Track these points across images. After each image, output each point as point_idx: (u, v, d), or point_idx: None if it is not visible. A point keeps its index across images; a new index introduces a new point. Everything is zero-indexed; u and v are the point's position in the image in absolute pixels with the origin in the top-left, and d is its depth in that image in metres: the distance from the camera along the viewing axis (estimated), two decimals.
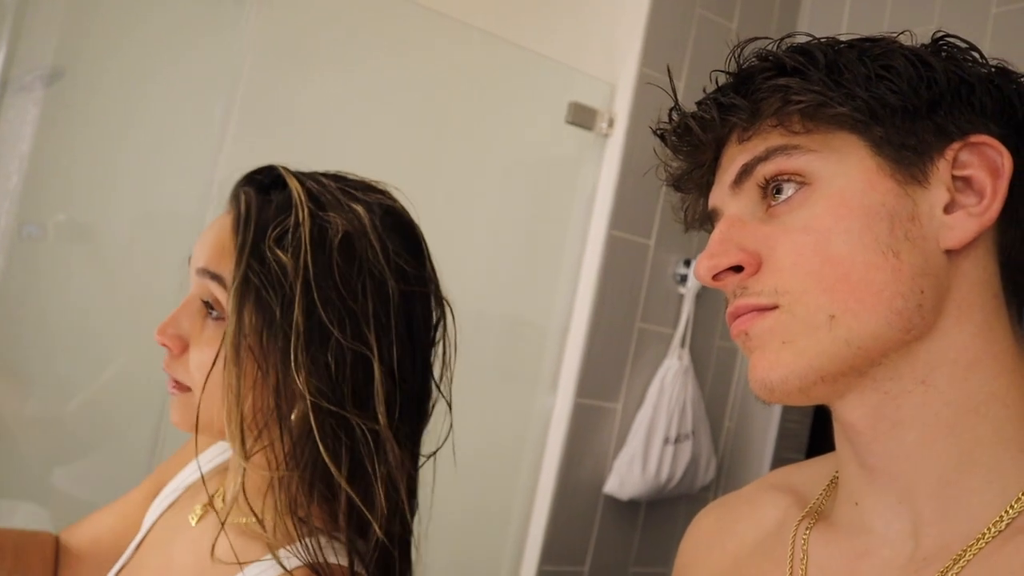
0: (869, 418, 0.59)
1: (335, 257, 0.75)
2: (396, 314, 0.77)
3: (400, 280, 0.79)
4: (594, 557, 1.91)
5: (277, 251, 0.74)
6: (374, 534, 0.74)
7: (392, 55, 1.72)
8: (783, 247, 0.59)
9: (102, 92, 1.46)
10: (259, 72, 1.53)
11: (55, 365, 1.46)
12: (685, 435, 1.92)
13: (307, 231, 0.75)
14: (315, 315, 0.73)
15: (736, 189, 0.63)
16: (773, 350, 0.58)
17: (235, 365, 0.74)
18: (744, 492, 0.78)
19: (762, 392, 0.59)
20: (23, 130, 1.34)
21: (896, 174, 0.58)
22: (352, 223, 0.76)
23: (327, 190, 0.79)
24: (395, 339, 0.77)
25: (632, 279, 1.91)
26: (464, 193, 1.85)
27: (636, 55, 1.85)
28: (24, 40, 1.36)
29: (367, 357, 0.75)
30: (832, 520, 0.65)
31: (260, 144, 1.52)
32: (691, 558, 0.77)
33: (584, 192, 1.90)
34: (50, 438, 1.44)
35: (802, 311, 0.57)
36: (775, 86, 0.59)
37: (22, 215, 1.36)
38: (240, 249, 0.75)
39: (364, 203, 0.80)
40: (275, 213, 0.77)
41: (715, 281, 0.61)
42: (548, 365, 1.89)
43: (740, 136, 0.63)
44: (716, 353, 2.08)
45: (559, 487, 1.85)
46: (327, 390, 0.73)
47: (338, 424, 0.74)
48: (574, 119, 1.86)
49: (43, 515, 1.45)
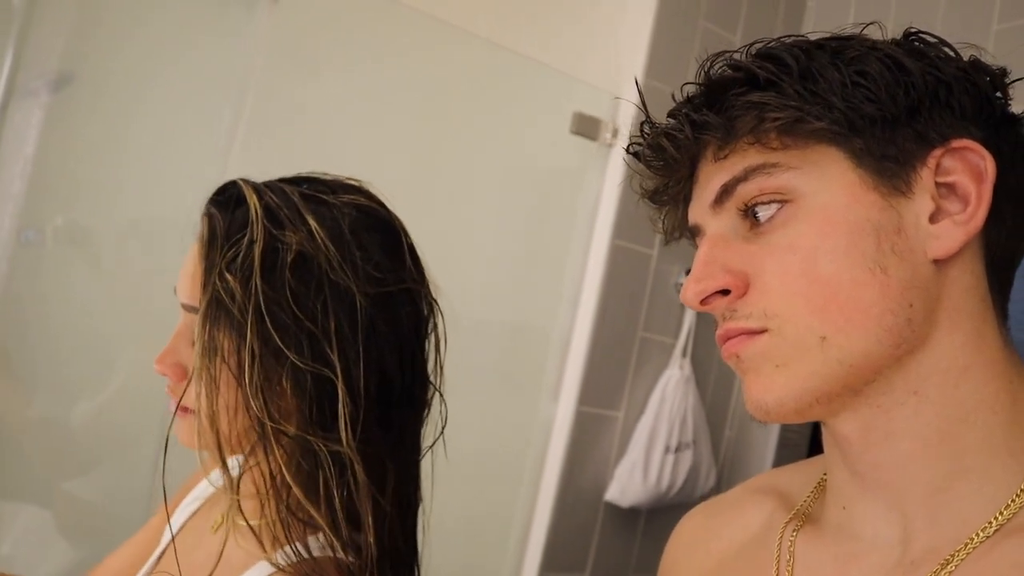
0: (861, 430, 0.58)
1: (288, 278, 0.73)
2: (365, 325, 0.75)
3: (373, 285, 0.77)
4: (595, 564, 1.91)
5: (227, 275, 0.73)
6: (366, 547, 0.74)
7: (398, 62, 1.72)
8: (769, 268, 0.58)
9: (108, 96, 1.47)
10: (267, 77, 1.54)
11: (56, 369, 1.46)
12: (686, 444, 1.92)
13: (258, 253, 0.73)
14: (270, 339, 0.72)
15: (717, 208, 0.61)
16: (766, 373, 0.58)
17: (211, 388, 0.73)
18: (729, 495, 0.78)
19: (758, 414, 0.59)
20: (28, 134, 1.35)
21: (879, 186, 0.57)
22: (307, 241, 0.74)
23: (287, 204, 0.77)
24: (362, 352, 0.75)
25: (634, 288, 1.92)
26: (468, 200, 1.85)
27: (640, 66, 1.86)
28: (31, 45, 1.37)
29: (330, 377, 0.73)
30: (819, 524, 0.65)
31: (267, 149, 1.53)
32: (675, 560, 0.77)
33: (587, 201, 1.91)
34: (52, 442, 1.45)
35: (792, 333, 0.56)
36: (749, 103, 0.57)
37: (24, 219, 1.36)
38: (206, 273, 0.75)
39: (334, 207, 0.79)
40: (232, 232, 0.75)
41: (702, 305, 0.60)
42: (550, 373, 1.90)
43: (716, 154, 0.61)
44: (717, 363, 2.08)
45: (560, 494, 1.85)
46: (284, 413, 0.73)
47: (300, 446, 0.73)
48: (578, 129, 1.86)
49: (46, 518, 1.46)
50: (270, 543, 0.75)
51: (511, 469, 1.89)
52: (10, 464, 1.46)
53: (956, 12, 1.78)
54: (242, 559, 0.76)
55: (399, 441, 0.81)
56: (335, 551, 0.74)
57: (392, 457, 0.79)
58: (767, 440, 2.04)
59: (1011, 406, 0.57)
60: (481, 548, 1.91)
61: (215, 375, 0.74)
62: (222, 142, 1.48)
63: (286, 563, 0.73)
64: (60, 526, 1.43)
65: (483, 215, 1.88)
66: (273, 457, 0.73)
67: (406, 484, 0.82)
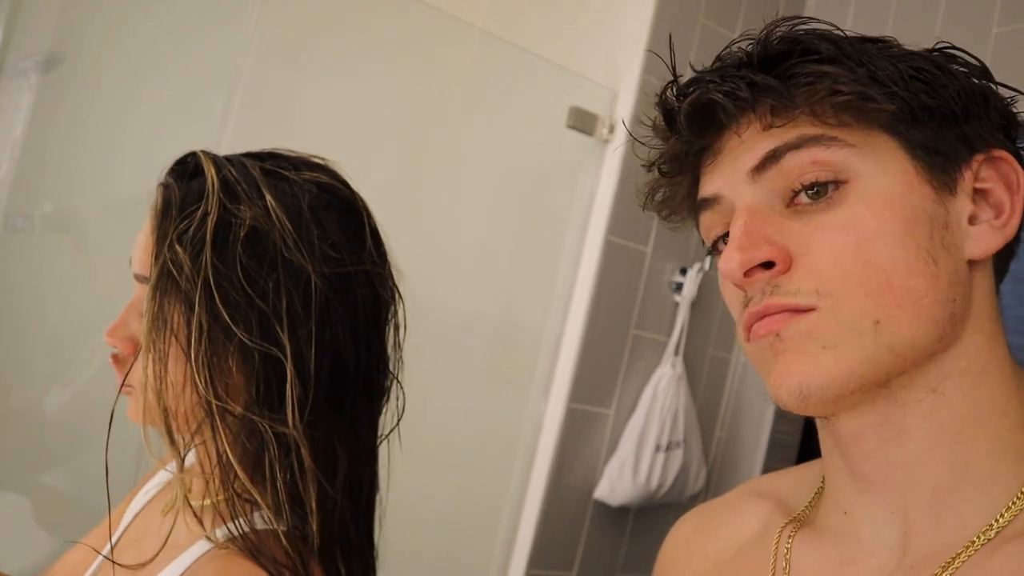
0: (876, 426, 0.57)
1: (239, 253, 0.71)
2: (319, 306, 0.73)
3: (330, 265, 0.75)
4: (582, 562, 1.91)
5: (177, 247, 0.71)
6: (309, 531, 0.72)
7: (393, 54, 1.71)
8: (820, 246, 0.55)
9: (99, 81, 1.45)
10: (260, 68, 1.52)
11: (40, 357, 1.44)
12: (676, 443, 1.92)
13: (211, 226, 0.71)
14: (219, 315, 0.70)
15: (756, 177, 0.58)
16: (811, 354, 0.55)
17: (158, 362, 0.72)
18: (725, 499, 0.77)
19: (793, 398, 0.55)
20: (16, 117, 1.33)
21: (932, 180, 0.57)
22: (262, 216, 0.72)
23: (246, 178, 0.75)
24: (315, 333, 0.73)
25: (628, 286, 1.91)
26: (462, 194, 1.84)
27: (639, 62, 1.85)
28: (21, 25, 1.35)
29: (279, 357, 0.71)
30: (817, 527, 0.64)
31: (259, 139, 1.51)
32: (670, 563, 0.76)
33: (583, 197, 1.90)
34: (32, 430, 1.43)
35: (846, 315, 0.54)
36: (819, 72, 0.56)
37: (11, 205, 1.35)
38: (158, 242, 0.73)
39: (294, 184, 0.76)
40: (187, 204, 0.73)
41: (745, 277, 0.57)
42: (542, 369, 1.89)
43: (765, 121, 0.58)
44: (709, 362, 2.07)
45: (549, 491, 1.84)
46: (232, 392, 0.71)
47: (246, 426, 0.72)
48: (574, 124, 1.85)
49: (24, 505, 1.44)
50: (211, 522, 0.73)
51: (500, 465, 1.89)
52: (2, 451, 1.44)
53: (956, 15, 1.77)
54: (187, 539, 0.75)
55: (352, 427, 0.78)
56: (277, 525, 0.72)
57: (343, 442, 0.76)
58: (758, 440, 2.03)
59: (1019, 409, 0.57)
60: (469, 543, 1.91)
61: (164, 349, 0.72)
62: (213, 131, 1.47)
63: (224, 539, 0.71)
64: (38, 516, 1.42)
65: (476, 209, 1.87)
66: (219, 436, 0.71)
67: (359, 471, 0.79)
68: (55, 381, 1.41)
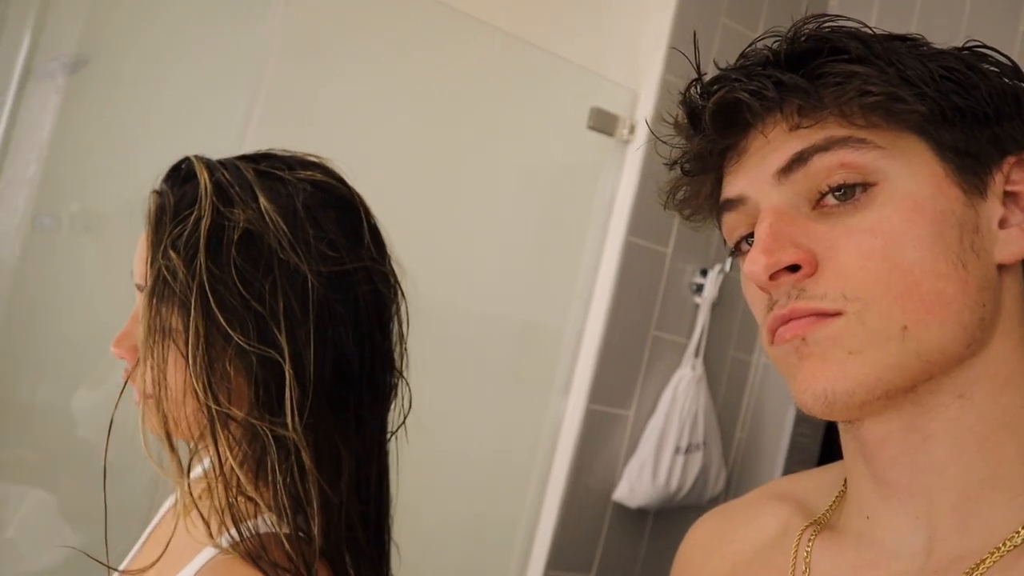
0: (901, 431, 0.57)
1: (234, 257, 0.71)
2: (317, 306, 0.73)
3: (327, 264, 0.74)
4: (601, 564, 1.90)
5: (171, 253, 0.71)
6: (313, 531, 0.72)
7: (414, 54, 1.71)
8: (847, 249, 0.55)
9: (124, 82, 1.47)
10: (282, 67, 1.53)
11: (67, 356, 1.46)
12: (696, 445, 1.91)
13: (204, 230, 0.71)
14: (215, 319, 0.70)
15: (782, 178, 0.58)
16: (837, 360, 0.54)
17: (156, 370, 0.72)
18: (744, 500, 0.76)
19: (819, 403, 0.55)
20: (44, 118, 1.35)
21: (961, 182, 0.56)
22: (255, 218, 0.72)
23: (239, 180, 0.75)
24: (314, 334, 0.72)
25: (648, 287, 1.90)
26: (482, 195, 1.84)
27: (659, 62, 1.85)
28: (48, 27, 1.37)
29: (277, 360, 0.71)
30: (838, 531, 0.64)
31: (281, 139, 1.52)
32: (688, 564, 0.76)
33: (603, 197, 1.89)
34: (58, 427, 1.45)
35: (874, 320, 0.54)
36: (848, 72, 0.55)
37: (39, 204, 1.36)
38: (152, 250, 0.73)
39: (288, 184, 0.76)
40: (180, 209, 0.73)
41: (770, 280, 0.56)
42: (561, 370, 1.89)
43: (792, 121, 0.57)
44: (730, 364, 2.06)
45: (568, 492, 1.84)
46: (234, 397, 0.71)
47: (248, 430, 0.71)
48: (595, 124, 1.85)
49: (51, 502, 1.46)
50: (217, 528, 0.73)
51: (519, 466, 1.89)
52: (18, 447, 1.46)
53: (982, 12, 1.76)
54: (192, 547, 0.75)
55: (357, 426, 0.78)
56: (279, 528, 0.72)
57: (347, 442, 0.76)
58: (778, 443, 2.02)
59: None
60: (487, 544, 1.91)
61: (163, 356, 0.72)
62: (236, 130, 1.48)
63: (229, 544, 0.71)
64: (64, 511, 1.43)
65: (497, 209, 1.87)
66: (220, 442, 0.71)
67: (365, 469, 0.78)
68: (82, 380, 1.43)
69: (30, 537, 1.45)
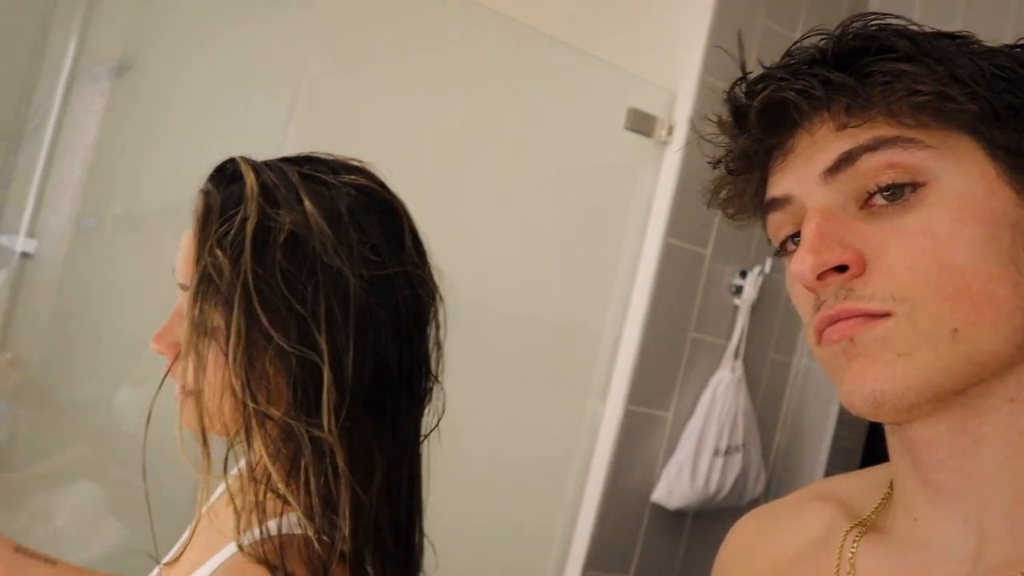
0: (951, 434, 0.56)
1: (278, 258, 0.72)
2: (358, 310, 0.73)
3: (369, 268, 0.75)
4: (639, 566, 1.90)
5: (217, 251, 0.72)
6: (340, 537, 0.72)
7: (452, 54, 1.72)
8: (896, 250, 0.54)
9: (166, 85, 1.49)
10: (321, 67, 1.55)
11: (110, 353, 1.49)
12: (735, 447, 1.90)
13: (250, 231, 0.72)
14: (257, 319, 0.71)
15: (829, 178, 0.57)
16: (886, 362, 0.53)
17: (198, 366, 0.73)
18: (787, 500, 0.75)
19: (867, 405, 0.54)
20: (89, 120, 1.37)
21: (1014, 182, 0.54)
22: (301, 221, 0.73)
23: (285, 181, 0.76)
24: (354, 337, 0.73)
25: (687, 288, 1.90)
26: (520, 195, 1.85)
27: (698, 63, 1.84)
28: (93, 32, 1.40)
29: (315, 362, 0.72)
30: (884, 534, 0.63)
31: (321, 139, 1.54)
32: (730, 563, 0.75)
33: (641, 199, 1.89)
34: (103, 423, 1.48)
35: (924, 322, 0.52)
36: (897, 71, 0.54)
37: (84, 206, 1.39)
38: (199, 247, 0.74)
39: (332, 187, 0.77)
40: (227, 208, 0.74)
41: (818, 281, 0.55)
42: (600, 371, 1.88)
43: (839, 120, 0.56)
44: (770, 366, 2.05)
45: (606, 493, 1.84)
46: (272, 397, 0.72)
47: (284, 430, 0.72)
48: (633, 125, 1.85)
49: (98, 494, 1.49)
50: (244, 526, 0.73)
51: (557, 467, 1.89)
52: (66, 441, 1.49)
53: None
54: (218, 542, 0.76)
55: (392, 430, 0.78)
56: (308, 528, 0.72)
57: (382, 446, 0.76)
58: (819, 446, 2.00)
59: None
60: (525, 545, 1.91)
61: (204, 353, 0.73)
62: (277, 131, 1.50)
63: (250, 543, 0.72)
64: (112, 504, 1.46)
65: (534, 211, 1.87)
66: (256, 439, 0.72)
67: (397, 472, 0.78)
68: (126, 377, 1.45)
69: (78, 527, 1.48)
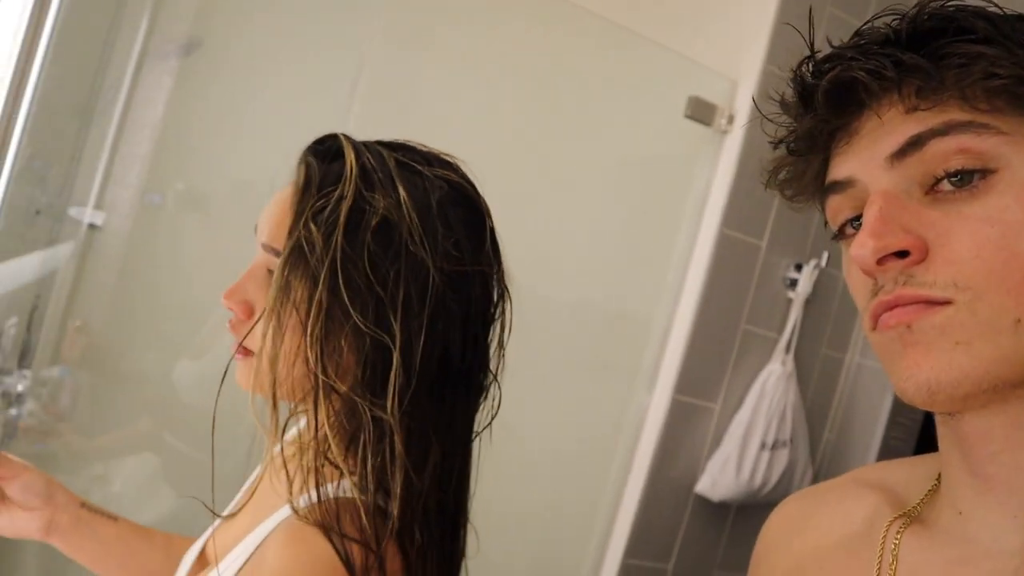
0: (1004, 427, 0.54)
1: (368, 241, 0.74)
2: (434, 301, 0.76)
3: (450, 262, 0.77)
4: (679, 556, 1.90)
5: (312, 225, 0.74)
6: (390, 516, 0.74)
7: (512, 41, 1.72)
8: (960, 237, 0.52)
9: (233, 65, 1.52)
10: (384, 53, 1.57)
11: (171, 326, 1.53)
12: (783, 442, 1.89)
13: (344, 210, 0.74)
14: (339, 296, 0.73)
15: (895, 162, 0.55)
16: (944, 350, 0.52)
17: (277, 332, 0.75)
18: (829, 484, 0.74)
19: (921, 393, 0.53)
20: (158, 98, 1.41)
21: None
22: (394, 208, 0.75)
23: (382, 166, 0.78)
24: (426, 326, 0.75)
25: (740, 279, 1.88)
26: (576, 181, 1.85)
27: (761, 52, 1.81)
28: (165, 11, 1.43)
29: (388, 345, 0.74)
30: (929, 525, 0.62)
31: (383, 120, 1.56)
32: (771, 543, 0.74)
33: (698, 188, 1.88)
34: (161, 394, 1.52)
35: (985, 311, 0.51)
36: (974, 53, 0.52)
37: (149, 182, 1.43)
38: (295, 218, 0.76)
39: (426, 179, 0.79)
40: (325, 184, 0.77)
41: (878, 266, 0.54)
42: (648, 360, 1.88)
43: (909, 103, 0.55)
44: (821, 361, 2.02)
45: (650, 482, 1.84)
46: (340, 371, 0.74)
47: (348, 405, 0.75)
48: (692, 114, 1.83)
49: (156, 463, 1.54)
50: (299, 489, 0.76)
51: (602, 453, 1.90)
52: (129, 410, 1.54)
53: None
54: (273, 503, 0.79)
55: (449, 420, 0.80)
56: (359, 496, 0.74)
57: (439, 434, 0.78)
58: (869, 445, 1.98)
59: None
60: (566, 530, 1.92)
61: (283, 319, 0.75)
62: (340, 112, 1.52)
63: (306, 506, 0.74)
64: (166, 473, 1.50)
65: (590, 197, 1.87)
66: (320, 410, 0.74)
67: (450, 462, 0.81)
68: (184, 349, 1.49)
69: (134, 492, 1.53)
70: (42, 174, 1.39)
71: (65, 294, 1.48)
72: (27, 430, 1.46)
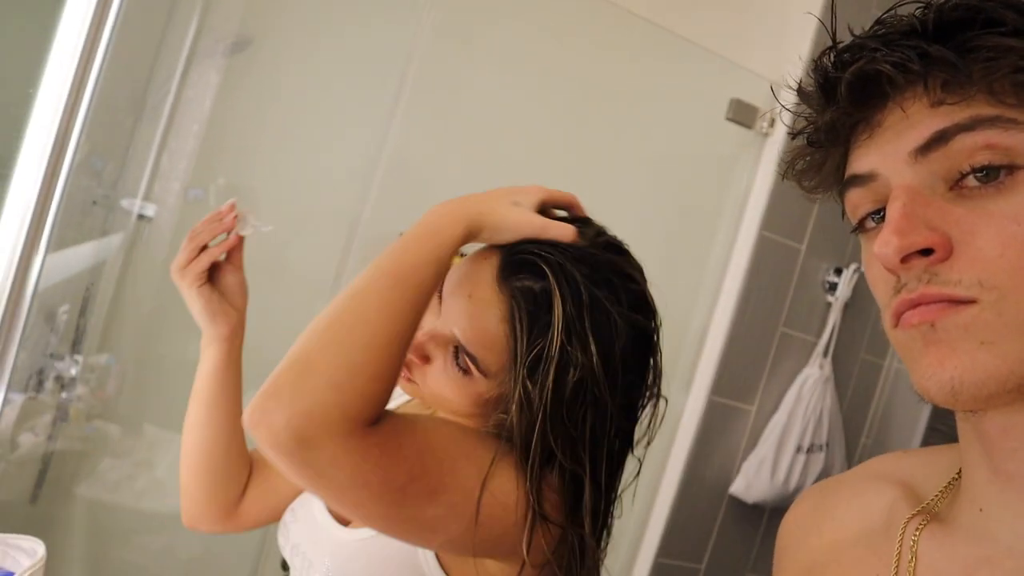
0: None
1: (566, 394, 0.82)
2: (615, 431, 0.86)
3: (625, 398, 0.87)
4: (712, 556, 1.90)
5: (528, 384, 0.82)
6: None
7: (557, 42, 1.73)
8: (985, 234, 0.51)
9: (279, 63, 1.55)
10: (430, 53, 1.58)
11: None
12: (819, 446, 1.88)
13: (553, 370, 0.82)
14: (546, 440, 0.82)
15: (919, 156, 0.54)
16: (968, 350, 0.51)
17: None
18: (845, 477, 0.74)
19: (943, 392, 0.51)
20: (205, 94, 1.44)
21: None
22: (587, 368, 0.82)
23: (579, 316, 0.83)
24: (606, 454, 0.86)
25: (779, 282, 1.88)
26: (617, 181, 1.85)
27: (805, 55, 1.80)
28: (215, 10, 1.46)
29: (580, 475, 0.84)
30: (948, 523, 0.61)
31: (427, 121, 1.57)
32: (788, 540, 0.74)
33: (738, 190, 1.87)
34: None
35: (1011, 311, 0.50)
36: (1003, 46, 0.50)
37: (193, 176, 1.46)
38: (512, 364, 0.83)
39: (615, 326, 0.85)
40: (533, 333, 0.83)
41: (901, 263, 0.53)
42: (685, 360, 1.88)
43: (935, 96, 0.53)
44: (860, 366, 2.01)
45: (684, 482, 1.85)
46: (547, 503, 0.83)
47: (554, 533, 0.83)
48: (734, 116, 1.83)
49: None
50: None
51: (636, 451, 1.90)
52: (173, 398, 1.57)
53: None
54: None
55: (613, 502, 0.93)
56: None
57: (604, 497, 0.91)
58: None
59: None
60: None
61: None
62: (384, 113, 1.54)
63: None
64: None
65: (630, 196, 1.87)
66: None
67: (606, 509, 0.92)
68: None
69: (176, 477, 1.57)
70: (99, 167, 1.43)
71: (113, 282, 1.52)
72: (77, 413, 1.51)
